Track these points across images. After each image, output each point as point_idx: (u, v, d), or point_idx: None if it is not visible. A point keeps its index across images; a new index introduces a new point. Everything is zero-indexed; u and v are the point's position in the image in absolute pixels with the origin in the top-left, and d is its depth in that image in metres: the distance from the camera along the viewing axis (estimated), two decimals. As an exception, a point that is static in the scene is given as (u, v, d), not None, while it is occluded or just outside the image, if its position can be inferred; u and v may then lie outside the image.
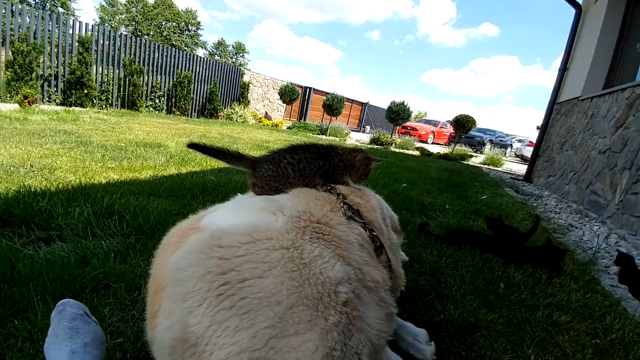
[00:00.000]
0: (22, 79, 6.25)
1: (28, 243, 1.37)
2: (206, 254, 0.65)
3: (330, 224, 0.77)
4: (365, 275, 0.73)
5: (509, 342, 1.15)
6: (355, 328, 0.62)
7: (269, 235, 0.67)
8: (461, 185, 4.61)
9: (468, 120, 10.61)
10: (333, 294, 0.62)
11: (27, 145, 3.09)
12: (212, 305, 0.58)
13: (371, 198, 1.02)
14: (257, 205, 0.81)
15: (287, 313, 0.57)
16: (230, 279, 0.61)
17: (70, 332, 0.69)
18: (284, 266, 0.62)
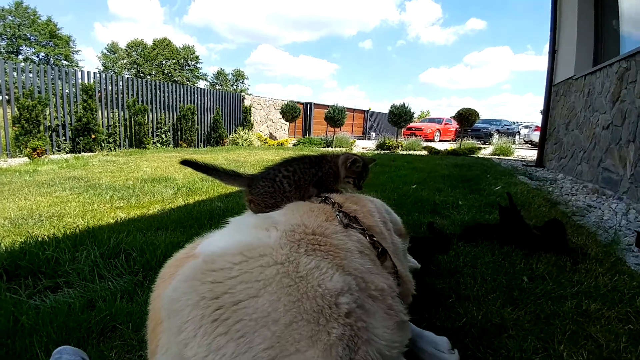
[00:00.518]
0: (30, 133, 6.50)
1: (35, 293, 1.37)
2: (199, 280, 0.62)
3: (326, 234, 0.73)
4: (369, 284, 0.69)
5: (538, 340, 1.06)
6: (361, 340, 0.57)
7: (262, 252, 0.65)
8: (473, 179, 4.50)
9: (471, 113, 10.48)
10: (334, 305, 0.58)
11: (36, 196, 3.17)
12: (207, 333, 0.55)
13: (367, 203, 0.98)
14: (250, 224, 0.79)
15: (285, 331, 0.54)
16: (224, 302, 0.57)
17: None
18: (279, 282, 0.59)
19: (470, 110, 10.52)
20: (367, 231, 0.83)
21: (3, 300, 1.26)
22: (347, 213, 0.86)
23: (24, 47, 39.15)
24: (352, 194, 1.03)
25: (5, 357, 0.98)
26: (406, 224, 2.33)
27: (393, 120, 11.73)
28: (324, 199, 0.93)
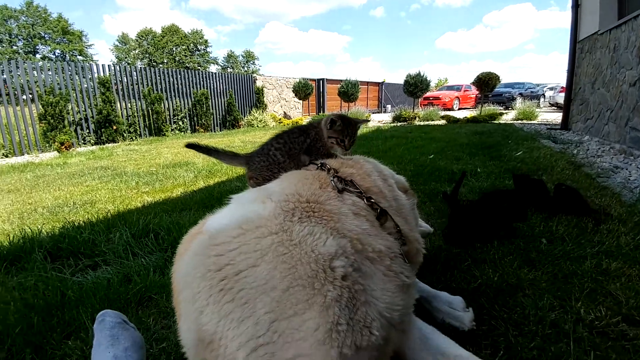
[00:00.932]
0: (56, 128, 6.80)
1: (77, 271, 1.50)
2: (205, 254, 0.66)
3: (319, 201, 0.75)
4: (366, 246, 0.70)
5: (555, 298, 1.07)
6: (359, 302, 0.60)
7: (258, 224, 0.68)
8: (493, 145, 4.37)
9: (491, 77, 9.97)
10: (329, 269, 0.60)
11: (69, 186, 3.37)
12: (216, 301, 0.60)
13: (364, 164, 0.98)
14: (248, 198, 0.82)
15: (283, 296, 0.57)
16: (227, 273, 0.62)
17: (111, 340, 0.75)
18: (274, 251, 0.62)
19: (491, 74, 10.00)
20: (365, 193, 0.83)
21: (50, 278, 1.39)
22: (343, 178, 0.85)
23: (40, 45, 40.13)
24: (349, 158, 1.03)
25: (56, 326, 1.10)
26: (422, 193, 2.34)
27: (409, 90, 11.36)
28: (320, 165, 0.94)
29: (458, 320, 0.97)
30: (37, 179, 3.88)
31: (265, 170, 0.98)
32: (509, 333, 0.93)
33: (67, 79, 7.43)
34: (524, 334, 0.93)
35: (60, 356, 0.98)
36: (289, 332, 0.55)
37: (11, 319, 1.10)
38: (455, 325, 0.97)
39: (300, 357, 0.54)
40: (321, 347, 0.54)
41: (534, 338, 0.90)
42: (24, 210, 2.55)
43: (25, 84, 6.85)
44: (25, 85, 6.82)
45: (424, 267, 1.33)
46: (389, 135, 6.18)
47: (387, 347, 0.66)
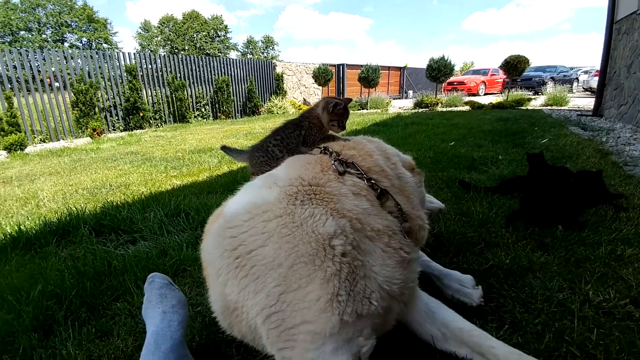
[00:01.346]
0: (88, 115, 7.17)
1: (118, 245, 1.66)
2: (221, 236, 0.76)
3: (320, 184, 0.80)
4: (365, 225, 0.75)
5: (565, 281, 1.10)
6: (359, 276, 0.68)
7: (265, 208, 0.74)
8: (518, 132, 4.25)
9: (520, 60, 9.50)
10: (328, 247, 0.67)
11: (104, 170, 3.61)
12: (235, 276, 0.70)
13: (366, 144, 1.00)
14: (257, 184, 0.88)
15: (289, 272, 0.66)
16: (241, 252, 0.71)
17: (160, 297, 0.87)
18: (279, 233, 0.70)
19: (520, 57, 9.52)
20: (366, 174, 0.87)
21: (97, 250, 1.56)
22: (344, 160, 0.89)
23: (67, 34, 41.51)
24: (350, 138, 1.07)
25: (106, 290, 1.25)
26: (440, 180, 2.36)
27: (432, 75, 11.03)
28: (323, 149, 0.97)
29: (467, 296, 1.03)
30: (74, 163, 4.17)
31: (265, 165, 1.03)
32: (515, 310, 0.99)
33: (95, 67, 7.74)
34: (530, 311, 0.98)
35: (111, 315, 1.13)
36: (296, 302, 0.64)
37: (68, 283, 1.27)
38: (464, 301, 1.03)
39: (306, 323, 0.63)
40: (323, 315, 0.62)
41: (539, 315, 0.96)
42: (66, 191, 2.79)
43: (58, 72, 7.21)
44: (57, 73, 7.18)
45: (437, 249, 1.39)
46: (409, 122, 6.10)
47: (389, 316, 0.74)
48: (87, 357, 0.94)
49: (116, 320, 1.10)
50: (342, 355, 0.62)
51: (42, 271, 1.40)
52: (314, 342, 0.62)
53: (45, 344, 1.02)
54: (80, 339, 1.01)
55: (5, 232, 1.86)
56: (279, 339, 0.65)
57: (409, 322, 0.86)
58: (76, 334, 1.04)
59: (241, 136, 5.75)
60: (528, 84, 14.66)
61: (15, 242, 1.72)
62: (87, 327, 1.07)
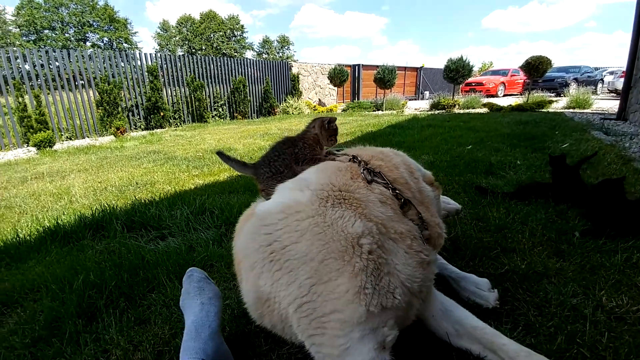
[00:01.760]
0: (112, 114, 7.47)
1: (149, 241, 1.77)
2: (257, 232, 0.83)
3: (350, 190, 0.86)
4: (389, 229, 0.82)
5: (579, 287, 1.13)
6: (383, 272, 0.74)
7: (298, 209, 0.81)
8: (537, 136, 4.19)
9: (542, 61, 9.27)
10: (357, 245, 0.74)
11: (129, 168, 3.78)
12: (269, 269, 0.78)
13: (393, 157, 1.06)
14: (290, 187, 0.94)
15: (320, 266, 0.73)
16: (275, 248, 0.78)
17: (198, 290, 0.96)
18: (312, 231, 0.76)
19: (541, 58, 9.29)
20: (391, 184, 0.92)
21: (131, 244, 1.67)
22: (372, 169, 0.94)
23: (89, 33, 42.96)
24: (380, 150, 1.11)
25: (141, 282, 1.35)
26: (457, 184, 2.38)
27: (449, 76, 10.91)
28: (352, 157, 1.01)
29: (483, 299, 1.08)
30: (101, 161, 4.37)
31: (271, 180, 1.04)
32: (529, 313, 1.03)
33: (115, 66, 8.02)
34: (543, 314, 1.02)
35: (147, 305, 1.23)
36: (326, 293, 0.71)
37: (107, 274, 1.38)
38: (480, 303, 1.07)
39: (335, 312, 0.70)
40: (351, 305, 0.69)
41: (552, 318, 0.99)
42: (96, 188, 2.95)
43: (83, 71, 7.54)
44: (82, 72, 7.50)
45: (455, 253, 1.43)
46: (425, 124, 6.08)
47: (410, 312, 0.81)
48: (128, 342, 1.04)
49: (152, 309, 1.20)
50: (369, 342, 0.68)
51: (81, 262, 1.52)
52: (342, 329, 0.68)
53: (89, 329, 1.12)
54: (121, 325, 1.11)
55: (44, 226, 2.01)
56: (309, 326, 0.71)
57: (426, 318, 0.92)
58: (117, 321, 1.14)
59: (258, 137, 5.87)
60: (550, 85, 14.27)
61: (54, 235, 1.85)
62: (126, 315, 1.17)
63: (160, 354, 0.98)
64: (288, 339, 0.86)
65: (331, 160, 1.04)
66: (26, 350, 1.03)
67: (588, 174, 2.42)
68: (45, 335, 1.09)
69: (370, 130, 5.85)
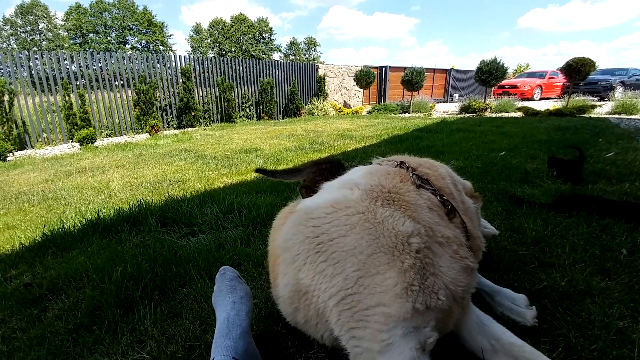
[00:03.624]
0: (147, 113, 7.85)
1: (180, 237, 1.84)
2: (303, 225, 0.84)
3: (400, 193, 0.87)
4: (436, 232, 0.81)
5: (626, 309, 1.05)
6: (429, 272, 0.73)
7: (347, 204, 0.82)
8: (578, 143, 3.94)
9: (585, 63, 8.72)
10: (406, 243, 0.74)
11: (162, 165, 3.94)
12: (313, 261, 0.78)
13: (439, 168, 1.06)
14: (337, 186, 0.96)
15: (368, 259, 0.73)
16: (323, 239, 0.79)
17: (230, 289, 0.98)
18: (361, 225, 0.77)
19: (584, 59, 8.74)
20: (438, 192, 0.94)
21: (165, 240, 1.74)
22: (420, 176, 0.97)
23: (129, 36, 45.45)
24: (426, 160, 1.12)
25: (173, 277, 1.40)
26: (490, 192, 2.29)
27: (481, 78, 10.53)
28: (399, 164, 1.03)
29: (520, 315, 1.02)
30: (136, 157, 4.60)
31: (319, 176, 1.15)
32: (570, 334, 0.96)
33: (151, 67, 8.40)
34: (586, 336, 0.95)
35: (179, 299, 1.28)
36: (373, 286, 0.70)
37: (143, 267, 1.44)
38: (516, 320, 1.02)
39: (381, 305, 0.69)
40: (399, 300, 0.68)
41: (596, 341, 0.93)
42: (132, 184, 3.10)
43: (123, 72, 7.98)
44: (122, 73, 7.94)
45: (487, 266, 1.38)
46: (454, 129, 5.91)
47: (450, 318, 0.79)
48: (161, 334, 1.08)
49: (183, 304, 1.24)
50: (411, 341, 0.67)
51: (119, 255, 1.61)
52: (387, 324, 0.68)
53: (126, 319, 1.18)
54: (155, 318, 1.16)
55: (86, 218, 2.14)
56: (351, 319, 0.71)
57: (461, 330, 0.89)
58: (152, 313, 1.19)
59: (284, 137, 5.95)
60: (593, 88, 13.36)
61: (95, 227, 1.97)
62: (160, 308, 1.22)
63: (192, 348, 1.01)
64: (317, 337, 0.85)
65: (378, 164, 1.06)
66: (69, 336, 1.10)
67: (637, 186, 2.24)
68: (87, 322, 1.16)
69: (396, 133, 5.76)
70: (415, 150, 4.06)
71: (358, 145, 4.69)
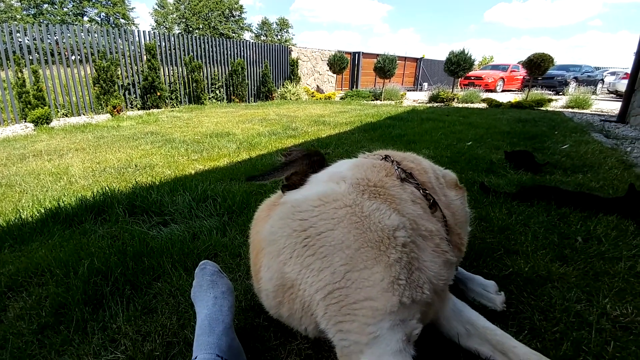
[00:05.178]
0: (108, 92, 7.28)
1: (151, 227, 1.75)
2: (290, 218, 0.83)
3: (385, 186, 0.88)
4: (420, 226, 0.84)
5: (583, 293, 1.15)
6: (414, 267, 0.76)
7: (335, 197, 0.82)
8: (537, 136, 4.22)
9: (544, 58, 9.22)
10: (392, 237, 0.75)
11: (127, 149, 3.71)
12: (300, 255, 0.78)
13: (422, 162, 1.09)
14: (324, 179, 0.96)
15: (355, 254, 0.73)
16: (310, 233, 0.78)
17: (211, 284, 0.95)
18: (349, 219, 0.78)
19: (544, 55, 9.24)
20: (421, 186, 0.96)
21: (134, 230, 1.65)
22: (404, 169, 0.99)
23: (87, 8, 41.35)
24: (409, 154, 1.14)
25: (145, 270, 1.34)
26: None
27: (450, 69, 10.82)
28: (385, 157, 1.04)
29: (490, 301, 1.09)
30: (98, 140, 4.28)
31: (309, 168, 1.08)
32: (534, 317, 1.05)
33: (112, 42, 7.73)
34: (548, 319, 1.04)
35: (153, 294, 1.22)
36: (360, 280, 0.71)
37: (112, 261, 1.36)
38: (487, 305, 1.09)
39: (368, 299, 0.70)
40: (386, 294, 0.70)
41: (557, 324, 1.01)
42: (95, 169, 2.89)
43: (81, 46, 7.28)
44: (80, 47, 7.24)
45: (459, 253, 1.45)
46: (425, 118, 6.06)
47: (431, 309, 0.82)
48: (136, 332, 1.03)
49: (158, 299, 1.19)
50: (398, 333, 0.69)
51: (85, 247, 1.50)
52: (374, 317, 0.69)
53: (96, 317, 1.11)
54: (128, 314, 1.11)
55: (45, 207, 1.97)
56: (339, 312, 0.72)
57: (438, 318, 0.93)
58: (124, 309, 1.13)
59: (257, 122, 5.79)
60: (549, 83, 14.25)
61: (56, 217, 1.82)
62: (132, 304, 1.16)
63: (170, 345, 0.98)
64: (301, 330, 0.84)
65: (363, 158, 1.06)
66: (34, 337, 1.02)
67: (589, 178, 2.45)
68: (52, 322, 1.08)
69: (369, 120, 5.81)
70: (388, 139, 4.13)
71: (332, 132, 4.68)
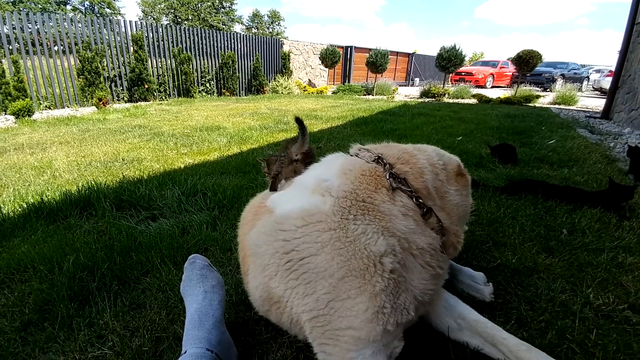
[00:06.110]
0: (93, 84, 7.08)
1: (139, 222, 1.72)
2: (273, 236, 0.81)
3: (374, 203, 0.81)
4: (411, 244, 0.79)
5: (567, 283, 1.18)
6: (401, 289, 0.74)
7: (319, 218, 0.78)
8: (525, 131, 4.29)
9: (533, 55, 9.35)
10: (379, 264, 0.72)
11: (114, 142, 3.62)
12: (283, 276, 0.77)
13: (420, 159, 0.96)
14: (307, 186, 0.89)
15: (339, 283, 0.71)
16: (293, 257, 0.76)
17: (201, 278, 0.94)
18: (332, 245, 0.74)
19: (533, 52, 9.36)
20: (415, 193, 0.86)
21: (121, 225, 1.62)
22: (397, 175, 0.88)
23: (71, -4, 40.02)
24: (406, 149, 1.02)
25: (133, 265, 1.32)
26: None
27: (441, 65, 10.88)
28: (377, 158, 0.93)
29: (479, 292, 1.11)
30: (83, 133, 4.17)
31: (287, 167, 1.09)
32: (521, 307, 1.07)
33: (97, 32, 7.49)
34: (534, 309, 1.06)
35: (141, 289, 1.20)
36: (343, 310, 0.70)
37: (98, 256, 1.33)
38: (475, 296, 1.11)
39: (351, 329, 0.70)
40: (369, 324, 0.69)
41: (543, 313, 1.04)
42: (80, 163, 2.82)
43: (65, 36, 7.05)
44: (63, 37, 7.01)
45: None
46: (416, 112, 6.09)
47: (420, 309, 0.82)
48: (124, 327, 1.02)
49: (147, 294, 1.17)
50: (380, 357, 0.69)
51: (69, 242, 1.47)
52: (356, 344, 0.69)
53: (82, 313, 1.09)
54: (115, 310, 1.09)
55: (27, 202, 1.91)
56: (323, 336, 0.72)
57: (429, 313, 0.94)
58: (111, 305, 1.11)
59: (247, 115, 5.73)
60: (537, 79, 14.45)
61: (39, 212, 1.77)
62: (120, 300, 1.14)
63: (159, 340, 0.97)
64: (291, 334, 0.86)
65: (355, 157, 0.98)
66: (16, 335, 1.00)
67: (574, 172, 2.50)
68: (36, 319, 1.05)
69: (361, 115, 5.81)
70: (380, 133, 4.14)
71: (324, 126, 4.67)
